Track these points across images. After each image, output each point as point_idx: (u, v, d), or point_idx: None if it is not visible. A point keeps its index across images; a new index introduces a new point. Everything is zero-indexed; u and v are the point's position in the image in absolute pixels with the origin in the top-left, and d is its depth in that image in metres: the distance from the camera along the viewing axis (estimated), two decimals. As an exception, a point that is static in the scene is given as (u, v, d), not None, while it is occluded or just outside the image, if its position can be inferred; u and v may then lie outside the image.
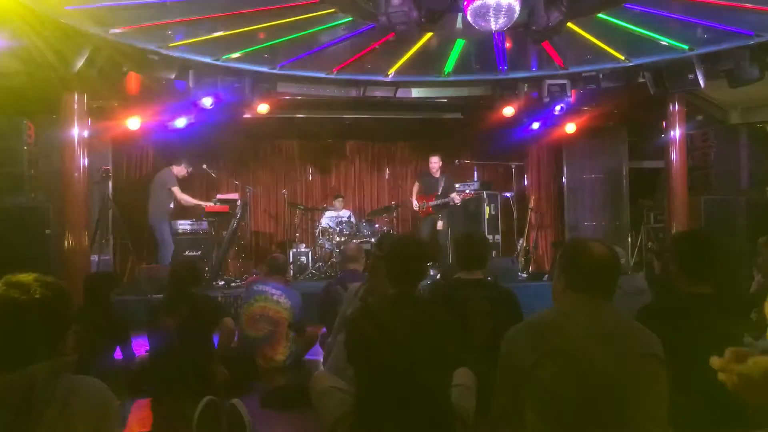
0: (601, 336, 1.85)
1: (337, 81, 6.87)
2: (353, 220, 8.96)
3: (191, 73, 6.13)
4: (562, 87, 6.73)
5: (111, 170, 7.74)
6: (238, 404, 3.19)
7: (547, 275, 7.97)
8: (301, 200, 10.11)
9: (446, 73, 6.86)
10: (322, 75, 6.71)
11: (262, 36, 5.69)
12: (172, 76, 6.07)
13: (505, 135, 9.25)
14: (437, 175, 8.55)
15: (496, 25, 4.34)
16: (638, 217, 8.90)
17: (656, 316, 2.38)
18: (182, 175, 8.00)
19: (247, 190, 8.99)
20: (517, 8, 4.31)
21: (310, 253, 8.66)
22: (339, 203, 9.33)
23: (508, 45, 6.02)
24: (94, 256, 6.79)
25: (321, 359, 4.51)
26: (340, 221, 8.72)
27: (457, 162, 9.63)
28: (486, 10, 4.26)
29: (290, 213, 9.90)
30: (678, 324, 2.32)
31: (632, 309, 2.52)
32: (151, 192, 7.80)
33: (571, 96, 6.84)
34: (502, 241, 9.08)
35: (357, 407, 2.53)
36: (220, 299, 6.19)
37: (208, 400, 3.16)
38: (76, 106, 5.90)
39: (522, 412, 1.84)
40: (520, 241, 9.25)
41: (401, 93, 7.16)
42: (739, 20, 5.41)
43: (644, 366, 1.83)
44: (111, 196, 7.47)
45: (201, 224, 8.23)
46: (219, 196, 8.54)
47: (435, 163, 8.55)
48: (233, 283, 7.66)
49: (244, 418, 3.12)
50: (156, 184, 7.80)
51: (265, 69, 6.43)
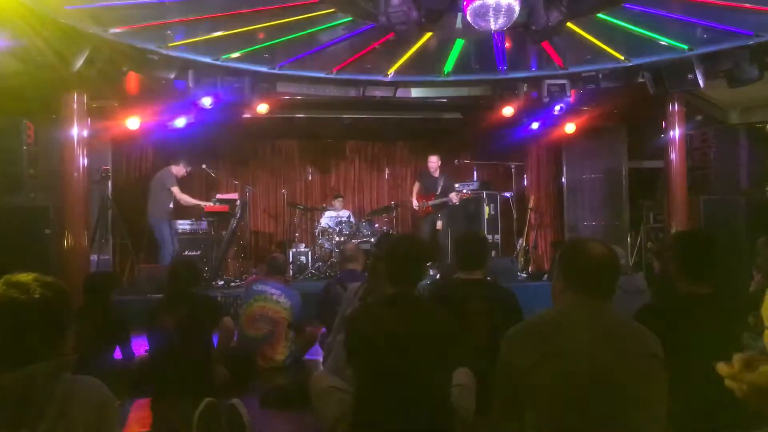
0: (601, 336, 1.85)
1: (337, 81, 6.86)
2: (353, 220, 8.96)
3: (191, 72, 6.13)
4: (562, 87, 6.74)
5: (111, 170, 7.76)
6: (237, 404, 3.19)
7: (546, 275, 7.97)
8: (301, 200, 10.10)
9: (446, 73, 6.86)
10: (322, 75, 6.71)
11: (261, 36, 5.69)
12: (172, 76, 6.08)
13: (505, 135, 9.26)
14: (436, 174, 8.57)
15: (495, 25, 4.34)
16: (638, 217, 8.89)
17: (656, 316, 2.38)
18: (181, 175, 8.01)
19: (247, 190, 8.99)
20: (516, 8, 4.32)
21: (309, 253, 8.67)
22: (339, 203, 9.33)
23: (507, 45, 6.02)
24: (94, 256, 6.79)
25: (321, 359, 4.52)
26: (339, 221, 8.71)
27: (456, 162, 9.63)
28: (485, 10, 4.27)
29: (290, 213, 9.91)
30: (677, 324, 2.32)
31: (632, 309, 2.52)
32: (150, 192, 7.80)
33: (571, 96, 6.84)
34: (501, 241, 9.08)
35: (356, 407, 2.53)
36: (220, 299, 6.19)
37: (208, 401, 3.16)
38: (75, 105, 5.90)
39: (522, 412, 1.84)
40: (520, 241, 9.26)
41: (401, 93, 7.16)
42: (738, 20, 5.42)
43: (644, 366, 1.83)
44: (111, 196, 7.48)
45: (200, 224, 8.24)
46: (218, 195, 8.54)
47: (434, 162, 8.56)
48: (233, 283, 7.67)
49: (244, 417, 3.12)
50: (155, 184, 7.80)
51: (264, 69, 6.43)
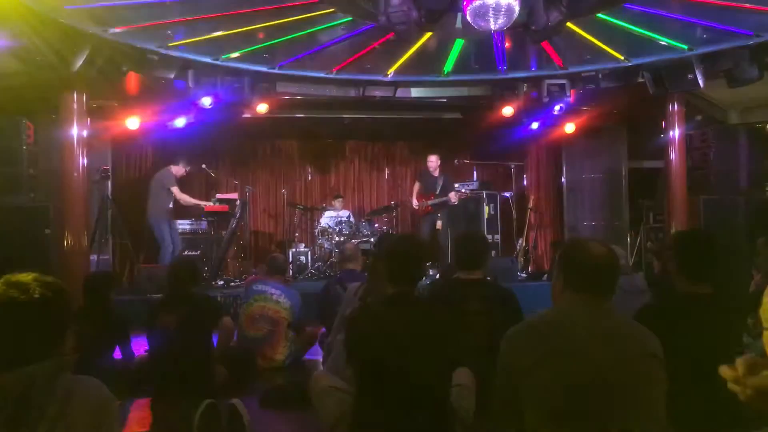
0: (601, 336, 1.85)
1: (337, 81, 6.86)
2: (352, 220, 8.96)
3: (191, 72, 6.12)
4: (562, 87, 6.73)
5: (110, 170, 7.76)
6: (237, 404, 3.19)
7: (546, 275, 7.97)
8: (301, 200, 10.10)
9: (446, 73, 6.85)
10: (322, 75, 6.71)
11: (261, 36, 5.69)
12: (172, 76, 6.07)
13: (505, 135, 9.25)
14: (436, 174, 8.57)
15: (495, 25, 4.34)
16: (637, 217, 8.88)
17: (655, 316, 2.38)
18: (180, 175, 8.00)
19: (247, 189, 8.98)
20: (516, 8, 4.31)
21: (309, 253, 8.67)
22: (339, 203, 9.33)
23: (507, 45, 6.02)
24: (94, 256, 6.78)
25: (320, 359, 4.52)
26: (339, 221, 8.72)
27: (456, 162, 9.63)
28: (485, 10, 4.26)
29: (290, 213, 9.91)
30: (677, 324, 2.32)
31: (631, 309, 2.52)
32: (150, 192, 7.80)
33: (571, 96, 6.84)
34: (501, 241, 9.08)
35: (356, 407, 2.53)
36: (220, 299, 6.19)
37: (208, 402, 3.16)
38: (75, 105, 5.90)
39: (521, 412, 1.84)
40: (520, 241, 9.26)
41: (401, 93, 7.16)
42: (738, 20, 5.41)
43: (643, 366, 1.83)
44: (110, 196, 7.48)
45: (200, 224, 8.25)
46: (218, 195, 8.55)
47: (433, 162, 8.57)
48: (232, 283, 7.67)
49: (244, 417, 3.12)
50: (155, 185, 7.80)
51: (264, 69, 6.43)
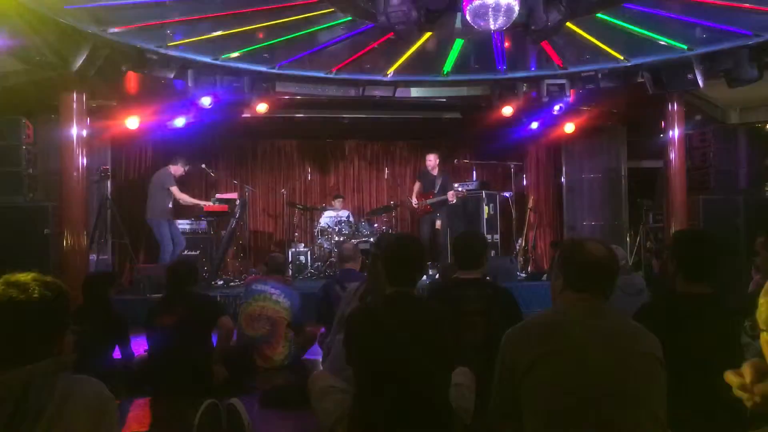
0: (600, 336, 1.85)
1: (336, 80, 6.86)
2: (352, 219, 8.96)
3: (190, 72, 6.12)
4: (561, 87, 6.73)
5: (110, 170, 7.76)
6: (237, 404, 3.19)
7: (545, 275, 7.97)
8: (300, 200, 10.10)
9: (445, 72, 6.85)
10: (321, 74, 6.70)
11: (261, 35, 5.69)
12: (171, 76, 6.06)
13: (504, 135, 9.26)
14: (435, 173, 8.56)
15: (495, 24, 4.34)
16: (637, 216, 8.89)
17: (655, 316, 2.38)
18: (180, 175, 8.00)
19: (246, 189, 8.98)
20: (516, 8, 4.31)
21: (308, 252, 8.67)
22: (339, 203, 9.33)
23: (507, 45, 6.02)
24: (93, 256, 6.79)
25: (320, 359, 4.51)
26: (339, 221, 8.71)
27: (456, 162, 9.62)
28: (485, 10, 4.27)
29: (289, 212, 9.91)
30: (677, 324, 2.32)
31: (631, 309, 2.52)
32: (149, 192, 7.79)
33: (570, 96, 6.84)
34: (500, 241, 9.09)
35: (355, 406, 2.53)
36: (219, 299, 6.19)
37: (209, 402, 3.16)
38: (75, 105, 5.90)
39: (519, 412, 1.84)
40: (519, 241, 9.26)
41: (400, 93, 7.15)
42: (738, 20, 5.41)
43: (643, 366, 1.83)
44: (110, 196, 7.48)
45: (200, 224, 8.25)
46: (218, 195, 8.55)
47: (431, 161, 8.56)
48: (232, 283, 7.68)
49: (243, 417, 3.12)
50: (154, 184, 7.79)
51: (264, 68, 6.42)
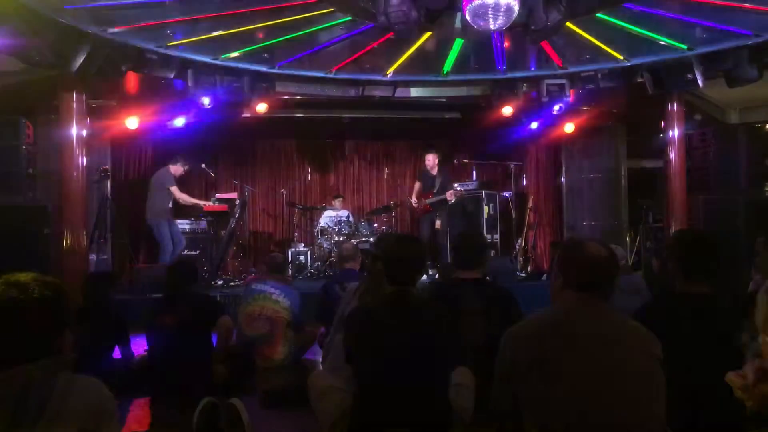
0: (600, 335, 1.86)
1: (336, 80, 6.86)
2: (352, 219, 8.96)
3: (190, 72, 6.12)
4: (561, 87, 6.74)
5: (110, 170, 7.75)
6: (236, 403, 3.19)
7: (545, 275, 7.97)
8: (300, 200, 10.10)
9: (445, 72, 6.86)
10: (321, 74, 6.71)
11: (261, 35, 5.69)
12: (171, 76, 6.07)
13: (504, 135, 9.26)
14: (434, 172, 8.55)
15: (494, 24, 4.35)
16: (637, 216, 8.89)
17: (654, 316, 2.38)
18: (179, 174, 8.00)
19: (246, 189, 8.98)
20: (515, 8, 4.32)
21: (308, 252, 8.67)
22: (339, 203, 9.33)
23: (506, 45, 6.02)
24: (93, 256, 6.79)
25: (320, 359, 4.51)
26: (338, 221, 8.71)
27: (456, 162, 9.61)
28: (485, 10, 4.27)
29: (289, 212, 9.91)
30: (676, 324, 2.32)
31: (631, 309, 2.52)
32: (149, 192, 7.79)
33: (570, 96, 6.84)
34: (500, 241, 9.08)
35: (355, 406, 2.53)
36: (219, 298, 6.18)
37: (207, 401, 3.16)
38: (74, 105, 5.90)
39: (519, 411, 1.84)
40: (519, 241, 9.26)
41: (400, 92, 7.16)
42: (737, 20, 5.42)
43: (643, 365, 1.83)
44: (110, 196, 7.47)
45: (199, 224, 8.24)
46: (218, 195, 8.55)
47: (430, 160, 8.55)
48: (232, 283, 7.67)
49: (243, 417, 3.12)
50: (154, 184, 7.79)
51: (263, 68, 6.43)
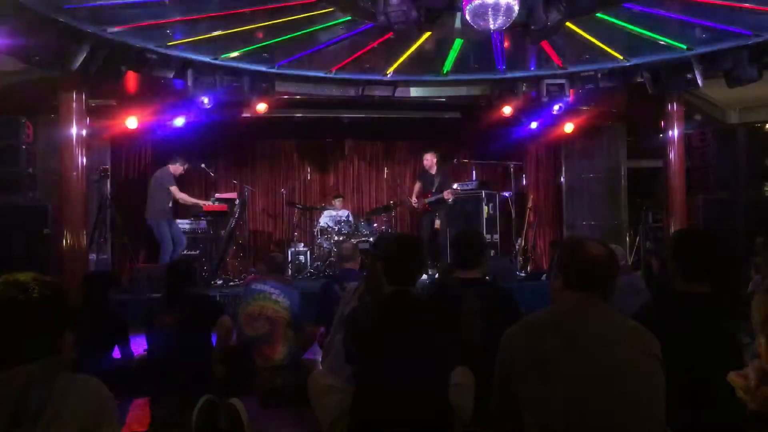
0: (600, 335, 1.85)
1: (336, 80, 6.87)
2: (351, 219, 8.96)
3: (190, 72, 6.12)
4: (561, 86, 6.74)
5: (109, 169, 7.75)
6: (236, 403, 3.19)
7: (545, 275, 7.96)
8: (300, 199, 10.09)
9: (445, 72, 6.86)
10: (321, 74, 6.71)
11: (260, 35, 5.69)
12: (171, 75, 6.07)
13: (504, 134, 9.26)
14: (433, 172, 8.55)
15: (494, 24, 4.35)
16: (636, 216, 8.90)
17: (654, 315, 2.38)
18: (179, 173, 7.99)
19: (246, 189, 8.98)
20: (515, 8, 4.32)
21: (308, 252, 8.67)
22: (339, 203, 9.32)
23: (506, 44, 6.02)
24: (93, 255, 6.79)
25: (319, 359, 4.51)
26: (338, 221, 8.71)
27: (455, 161, 9.61)
28: (484, 10, 4.27)
29: (289, 212, 9.91)
30: (676, 323, 2.32)
31: (631, 309, 2.52)
32: (149, 192, 7.78)
33: (570, 95, 6.85)
34: (500, 241, 9.07)
35: (355, 406, 2.53)
36: (219, 298, 6.18)
37: (206, 399, 3.16)
38: (74, 105, 5.90)
39: (519, 411, 1.84)
40: (519, 241, 9.26)
41: (400, 92, 7.16)
42: (737, 20, 5.42)
43: (642, 365, 1.82)
44: (109, 195, 7.47)
45: (199, 223, 8.24)
46: (217, 195, 8.54)
47: (428, 160, 8.55)
48: (231, 282, 7.67)
49: (243, 417, 3.12)
50: (154, 184, 7.78)
51: (263, 68, 6.43)
